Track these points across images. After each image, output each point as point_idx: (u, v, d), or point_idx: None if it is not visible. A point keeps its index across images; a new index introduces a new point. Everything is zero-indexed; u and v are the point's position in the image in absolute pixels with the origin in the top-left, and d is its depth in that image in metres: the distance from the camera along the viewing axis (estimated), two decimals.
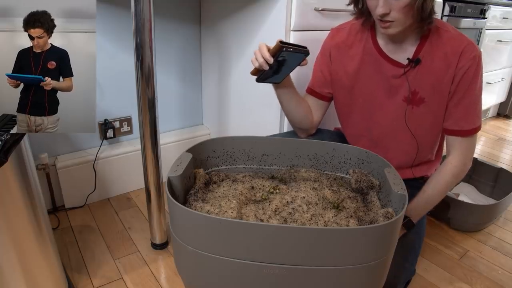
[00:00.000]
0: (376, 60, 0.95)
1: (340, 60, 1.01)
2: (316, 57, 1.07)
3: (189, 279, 0.77)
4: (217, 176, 0.92)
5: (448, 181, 0.94)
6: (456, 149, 0.94)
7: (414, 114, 0.95)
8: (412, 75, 0.91)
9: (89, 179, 1.39)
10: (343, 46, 1.00)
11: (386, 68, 0.94)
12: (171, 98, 1.60)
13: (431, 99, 0.92)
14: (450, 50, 0.87)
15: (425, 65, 0.90)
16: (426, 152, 1.02)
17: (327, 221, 0.75)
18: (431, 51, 0.89)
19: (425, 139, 0.99)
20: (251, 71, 0.91)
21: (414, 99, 0.93)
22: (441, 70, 0.89)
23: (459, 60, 0.87)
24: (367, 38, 0.97)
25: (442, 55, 0.88)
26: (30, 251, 0.80)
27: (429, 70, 0.90)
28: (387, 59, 0.94)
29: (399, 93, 0.94)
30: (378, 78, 0.96)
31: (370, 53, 0.96)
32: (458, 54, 0.87)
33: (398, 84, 0.94)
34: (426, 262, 1.19)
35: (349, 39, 0.99)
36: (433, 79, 0.90)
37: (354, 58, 0.98)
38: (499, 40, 2.28)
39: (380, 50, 0.94)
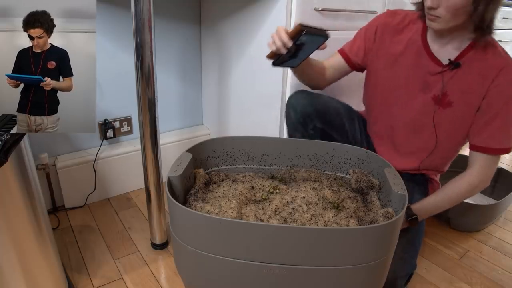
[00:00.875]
0: (419, 52, 0.96)
1: (386, 40, 1.01)
2: (361, 28, 1.08)
3: (189, 279, 0.77)
4: (217, 176, 0.92)
5: (461, 192, 0.95)
6: (478, 164, 0.94)
7: (439, 115, 0.95)
8: (448, 77, 0.92)
9: (89, 179, 1.39)
10: (392, 29, 1.01)
11: (425, 62, 0.95)
12: (171, 98, 1.60)
13: (458, 105, 0.92)
14: (491, 64, 0.88)
15: (463, 71, 0.90)
16: (439, 157, 1.03)
17: (327, 221, 0.75)
18: (473, 60, 0.89)
19: (444, 143, 0.99)
20: (267, 55, 0.87)
21: (443, 100, 0.94)
22: (476, 81, 0.89)
23: (497, 77, 0.87)
24: (417, 30, 0.97)
25: (482, 66, 0.88)
26: (30, 251, 0.80)
27: (465, 77, 0.90)
28: (429, 54, 0.94)
29: (431, 91, 0.95)
30: (415, 70, 0.97)
31: (415, 43, 0.97)
32: (497, 71, 0.87)
33: (432, 81, 0.95)
34: (426, 262, 1.19)
35: (401, 25, 1.00)
36: (466, 87, 0.90)
37: (400, 43, 0.99)
38: (499, 40, 2.28)
39: (426, 44, 0.95)
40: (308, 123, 1.05)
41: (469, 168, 0.95)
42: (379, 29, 1.02)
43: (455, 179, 0.96)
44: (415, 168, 1.06)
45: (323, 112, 1.05)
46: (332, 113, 1.07)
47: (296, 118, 1.06)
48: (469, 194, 0.96)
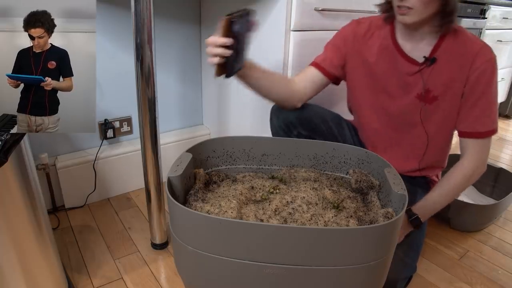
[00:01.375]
0: (393, 56, 0.96)
1: (358, 49, 1.01)
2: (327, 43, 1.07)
3: (189, 279, 0.77)
4: (217, 176, 0.92)
5: (458, 183, 0.94)
6: (469, 151, 0.94)
7: (427, 111, 0.96)
8: (427, 73, 0.92)
9: (89, 179, 1.39)
10: (361, 38, 1.01)
11: (401, 65, 0.95)
12: (171, 98, 1.60)
13: (444, 98, 0.93)
14: (465, 51, 0.88)
15: (440, 64, 0.91)
16: (435, 152, 1.03)
17: (327, 221, 0.75)
18: (447, 51, 0.90)
19: (435, 137, 0.99)
20: (215, 74, 0.81)
21: (427, 97, 0.94)
22: (455, 70, 0.90)
23: (474, 62, 0.87)
24: (386, 34, 0.97)
25: (457, 55, 0.89)
26: (30, 251, 0.80)
27: (443, 69, 0.91)
28: (403, 56, 0.95)
29: (413, 90, 0.95)
30: (393, 74, 0.97)
31: (387, 48, 0.97)
32: (473, 56, 0.87)
33: (412, 81, 0.95)
34: (426, 262, 1.19)
35: (368, 33, 1.00)
36: (446, 78, 0.91)
37: (371, 50, 0.99)
38: (499, 40, 2.28)
39: (398, 46, 0.95)
40: (292, 130, 1.04)
41: (461, 158, 0.95)
42: (349, 39, 1.02)
43: (449, 172, 0.96)
44: (416, 168, 1.06)
45: (307, 119, 1.03)
46: (317, 120, 1.04)
47: (278, 125, 1.05)
48: (466, 184, 0.95)
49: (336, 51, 1.04)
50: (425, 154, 1.02)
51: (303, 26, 1.14)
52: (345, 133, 1.11)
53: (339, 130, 1.10)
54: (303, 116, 1.03)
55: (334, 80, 1.07)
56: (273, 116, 1.07)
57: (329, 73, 1.04)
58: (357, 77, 1.04)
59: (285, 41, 1.13)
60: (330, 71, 1.04)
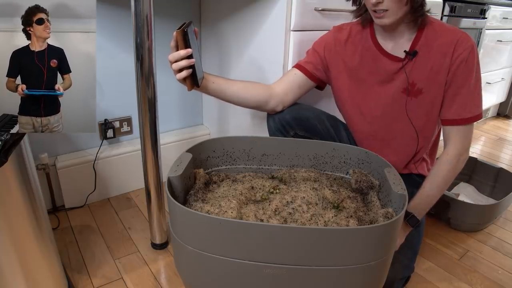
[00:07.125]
0: (375, 56, 0.97)
1: (342, 53, 1.03)
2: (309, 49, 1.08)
3: (189, 279, 0.77)
4: (217, 176, 0.92)
5: (445, 173, 0.95)
6: (452, 139, 0.94)
7: (413, 105, 0.96)
8: (410, 67, 0.93)
9: (89, 179, 1.39)
10: (343, 43, 1.02)
11: (384, 63, 0.96)
12: (171, 98, 1.60)
13: (429, 89, 0.94)
14: (445, 41, 0.90)
15: (422, 56, 0.92)
16: (426, 143, 1.03)
17: (327, 221, 0.75)
18: (427, 43, 0.91)
19: (424, 129, 1.00)
20: (188, 88, 0.90)
21: (412, 90, 0.95)
22: (437, 60, 0.91)
23: (455, 50, 0.88)
24: (366, 37, 0.99)
25: (437, 46, 0.90)
26: (30, 251, 0.80)
27: (425, 61, 0.92)
28: (386, 55, 0.96)
29: (398, 86, 0.96)
30: (377, 74, 0.98)
31: (369, 50, 0.98)
32: (453, 44, 0.89)
33: (397, 77, 0.96)
34: (426, 262, 1.19)
35: (350, 38, 1.02)
36: (429, 70, 0.92)
37: (354, 55, 1.01)
38: (499, 40, 2.28)
39: (380, 47, 0.97)
40: (289, 131, 1.04)
41: (445, 147, 0.96)
42: (331, 46, 1.03)
43: (435, 164, 0.97)
44: (410, 164, 1.06)
45: (304, 120, 1.04)
46: (314, 121, 1.05)
47: (274, 126, 1.06)
48: (453, 172, 0.95)
49: (317, 56, 1.05)
50: (416, 149, 1.03)
51: (303, 26, 1.14)
52: (341, 134, 1.12)
53: (336, 131, 1.10)
54: (300, 116, 1.03)
55: (318, 82, 1.08)
56: (269, 118, 1.08)
57: (312, 75, 1.05)
58: (341, 83, 1.04)
59: (285, 41, 1.13)
60: (314, 73, 1.05)
